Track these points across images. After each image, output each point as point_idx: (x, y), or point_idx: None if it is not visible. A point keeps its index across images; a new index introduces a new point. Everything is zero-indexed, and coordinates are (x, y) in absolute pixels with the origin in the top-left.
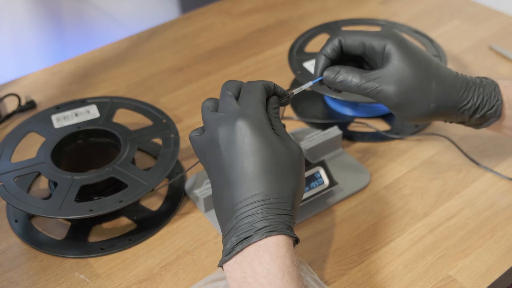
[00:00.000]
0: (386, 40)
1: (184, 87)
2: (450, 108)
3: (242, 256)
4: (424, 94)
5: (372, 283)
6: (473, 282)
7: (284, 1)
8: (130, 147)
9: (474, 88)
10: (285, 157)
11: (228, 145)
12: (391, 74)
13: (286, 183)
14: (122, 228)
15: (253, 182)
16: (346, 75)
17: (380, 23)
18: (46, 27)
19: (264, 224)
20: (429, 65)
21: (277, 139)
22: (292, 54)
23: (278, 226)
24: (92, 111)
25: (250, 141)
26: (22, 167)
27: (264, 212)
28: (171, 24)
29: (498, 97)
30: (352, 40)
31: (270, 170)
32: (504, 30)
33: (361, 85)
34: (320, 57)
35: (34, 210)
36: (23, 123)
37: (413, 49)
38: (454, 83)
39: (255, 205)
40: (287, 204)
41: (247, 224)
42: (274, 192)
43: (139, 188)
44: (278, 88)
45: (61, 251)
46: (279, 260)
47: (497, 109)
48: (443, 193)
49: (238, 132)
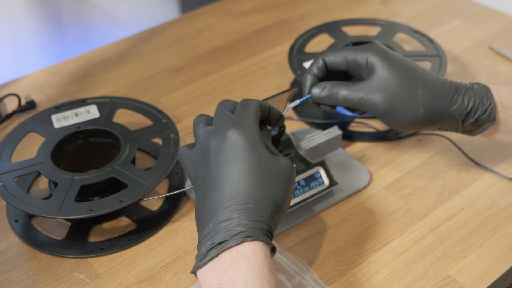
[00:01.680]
0: (367, 53)
1: (184, 87)
2: (440, 113)
3: (217, 262)
4: (411, 100)
5: (372, 283)
6: (473, 282)
7: (284, 1)
8: (130, 147)
9: (464, 92)
10: (271, 169)
11: (218, 153)
12: (375, 83)
13: (267, 192)
14: (122, 228)
15: (235, 187)
16: (332, 89)
17: (380, 23)
18: (46, 27)
19: (240, 229)
20: (413, 72)
21: (266, 151)
22: (292, 54)
23: (254, 232)
24: (92, 111)
25: (238, 149)
26: (22, 167)
27: (241, 217)
28: (171, 24)
29: (491, 100)
30: (335, 56)
31: (254, 177)
32: (504, 30)
33: (347, 97)
34: (307, 76)
35: (34, 210)
36: (23, 123)
37: (396, 58)
38: (442, 88)
39: (232, 209)
40: (265, 212)
41: (223, 228)
42: (253, 199)
43: (139, 188)
44: (273, 109)
45: (61, 251)
46: (257, 267)
47: (491, 113)
48: (443, 193)
49: (229, 140)
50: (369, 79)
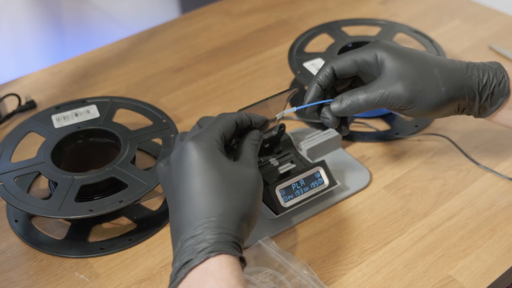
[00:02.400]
0: (375, 50)
1: (184, 87)
2: (459, 87)
3: (187, 283)
4: (430, 81)
5: (372, 283)
6: (473, 282)
7: (284, 1)
8: (130, 147)
9: (476, 67)
10: (234, 179)
11: (177, 167)
12: (391, 75)
13: (230, 203)
14: (122, 228)
15: (195, 201)
16: (351, 98)
17: (380, 23)
18: (46, 27)
19: (204, 245)
20: (424, 57)
21: (227, 161)
22: (292, 54)
23: (218, 246)
24: (92, 111)
25: (194, 162)
26: (22, 167)
27: (205, 232)
28: (171, 24)
29: (504, 74)
30: (344, 61)
31: (213, 190)
32: (504, 30)
33: (368, 98)
34: (312, 86)
35: (34, 210)
36: (23, 123)
37: (403, 48)
38: (454, 66)
39: (195, 224)
40: (229, 223)
41: (188, 247)
42: (215, 211)
43: (139, 188)
44: (257, 118)
45: (61, 251)
46: (224, 282)
47: (505, 85)
48: (443, 193)
49: (184, 153)
50: (383, 74)
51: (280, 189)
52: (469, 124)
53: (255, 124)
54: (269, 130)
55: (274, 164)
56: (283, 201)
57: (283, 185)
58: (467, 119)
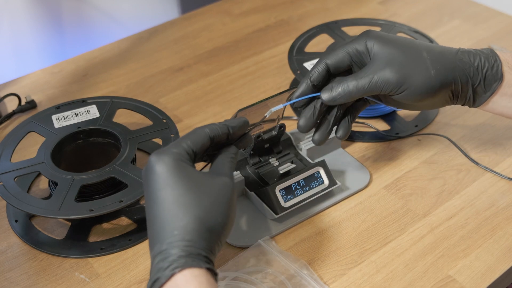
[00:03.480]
0: (365, 38)
1: (184, 87)
2: (450, 70)
3: None
4: (419, 63)
5: (372, 283)
6: (473, 282)
7: (284, 1)
8: (130, 147)
9: (467, 52)
10: (201, 189)
11: (145, 183)
12: (380, 60)
13: (194, 214)
14: (122, 228)
15: (162, 216)
16: (340, 85)
17: (380, 23)
18: (46, 27)
19: (169, 261)
20: (413, 42)
21: (192, 173)
22: (292, 54)
23: (181, 260)
24: (92, 111)
25: (157, 176)
26: (22, 167)
27: (169, 247)
28: (171, 24)
29: (496, 58)
30: (336, 55)
31: (176, 202)
32: (504, 30)
33: (358, 84)
34: (303, 82)
35: (34, 210)
36: (23, 123)
37: (393, 36)
38: (443, 49)
39: (162, 240)
40: (192, 235)
41: (157, 264)
42: (177, 224)
43: (139, 188)
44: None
45: (61, 251)
46: None
47: (498, 69)
48: (443, 193)
49: (148, 168)
50: (372, 60)
51: (280, 189)
52: (469, 124)
53: (234, 131)
54: (269, 130)
55: (274, 164)
56: (283, 201)
57: (283, 185)
58: (467, 119)
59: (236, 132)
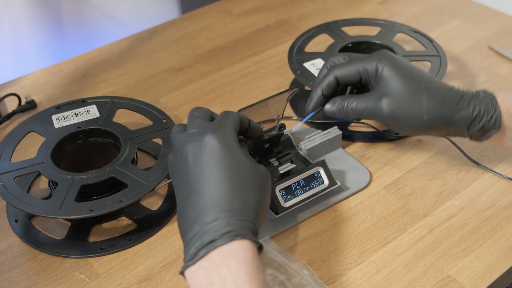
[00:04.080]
0: (377, 61)
1: (184, 87)
2: (446, 119)
3: (207, 262)
4: (415, 106)
5: (372, 283)
6: (473, 282)
7: (284, 1)
8: (130, 147)
9: (469, 100)
10: (250, 172)
11: (197, 157)
12: (380, 91)
13: (250, 194)
14: (122, 228)
15: (218, 189)
16: (342, 102)
17: (380, 23)
18: (46, 27)
19: (228, 228)
20: (419, 80)
21: (244, 156)
22: (292, 54)
23: (242, 231)
24: (92, 111)
25: (218, 153)
26: (22, 167)
27: (228, 218)
28: (171, 24)
29: (496, 107)
30: (348, 71)
31: (235, 180)
32: (504, 30)
33: (355, 107)
34: (316, 94)
35: (34, 210)
36: (23, 123)
37: (403, 65)
38: (447, 95)
39: (218, 209)
40: (250, 212)
41: (211, 229)
42: (238, 200)
43: (139, 188)
44: (254, 124)
45: (61, 251)
46: (247, 265)
47: (496, 119)
48: (443, 193)
49: (207, 144)
50: (375, 89)
51: (280, 189)
52: None
53: (251, 129)
54: (269, 130)
55: (274, 164)
56: (283, 201)
57: (283, 185)
58: None
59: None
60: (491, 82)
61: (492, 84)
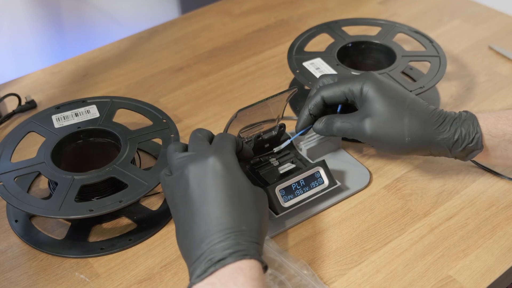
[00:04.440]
0: (362, 83)
1: (184, 87)
2: (427, 141)
3: (215, 278)
4: (396, 129)
5: (372, 283)
6: (473, 282)
7: (284, 1)
8: (130, 147)
9: (451, 122)
10: (252, 194)
11: (200, 180)
12: (363, 113)
13: (254, 215)
14: (122, 228)
15: (225, 212)
16: (328, 121)
17: (381, 23)
18: (46, 27)
19: (238, 248)
20: (402, 102)
21: (244, 178)
22: (292, 53)
23: (251, 251)
24: (92, 111)
25: (221, 175)
26: (22, 167)
27: (237, 239)
28: (171, 24)
29: (477, 129)
30: (334, 92)
31: (241, 202)
32: (504, 30)
33: (340, 127)
34: (304, 114)
35: (34, 210)
36: (23, 123)
37: (388, 87)
38: (429, 118)
39: (226, 231)
40: (255, 234)
41: (220, 248)
42: (244, 222)
43: (139, 188)
44: (245, 146)
45: (61, 251)
46: (254, 282)
47: (478, 141)
48: (443, 193)
49: (210, 167)
50: (359, 110)
51: (280, 189)
52: None
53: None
54: (269, 130)
55: (274, 164)
56: (283, 201)
57: (283, 185)
58: None
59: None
60: (491, 82)
61: (492, 84)
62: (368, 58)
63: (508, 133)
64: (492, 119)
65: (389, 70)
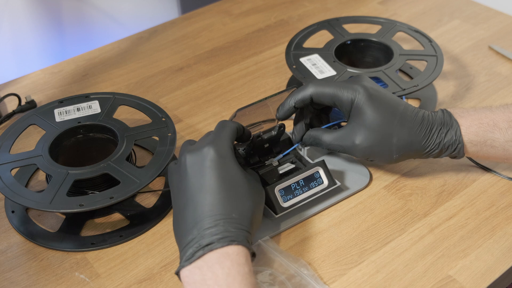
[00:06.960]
0: (353, 96)
1: (184, 87)
2: (412, 155)
3: (203, 262)
4: (385, 147)
5: (372, 283)
6: (473, 282)
7: (284, 1)
8: (126, 143)
9: (438, 131)
10: (246, 184)
11: (194, 168)
12: (353, 133)
13: (246, 204)
14: (115, 223)
15: (216, 198)
16: (315, 138)
17: (381, 22)
18: (46, 27)
19: (225, 234)
20: (391, 120)
21: (239, 168)
22: (290, 48)
23: (239, 238)
24: (94, 106)
25: (215, 164)
26: (20, 159)
27: (226, 225)
28: (171, 24)
29: (460, 140)
30: (323, 92)
31: (233, 190)
32: (504, 30)
33: (329, 145)
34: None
35: (26, 202)
36: (25, 116)
37: (378, 102)
38: (417, 133)
39: (217, 217)
40: (246, 222)
41: (209, 234)
42: (235, 209)
43: (131, 185)
44: (246, 130)
45: (53, 244)
46: (240, 266)
47: (460, 150)
48: (443, 193)
49: (204, 156)
50: (347, 127)
51: (280, 189)
52: None
53: (244, 135)
54: (269, 130)
55: (273, 164)
56: (283, 201)
57: (283, 185)
58: None
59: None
60: (491, 82)
61: (492, 84)
62: (366, 56)
63: (489, 139)
64: (474, 127)
65: (384, 68)
